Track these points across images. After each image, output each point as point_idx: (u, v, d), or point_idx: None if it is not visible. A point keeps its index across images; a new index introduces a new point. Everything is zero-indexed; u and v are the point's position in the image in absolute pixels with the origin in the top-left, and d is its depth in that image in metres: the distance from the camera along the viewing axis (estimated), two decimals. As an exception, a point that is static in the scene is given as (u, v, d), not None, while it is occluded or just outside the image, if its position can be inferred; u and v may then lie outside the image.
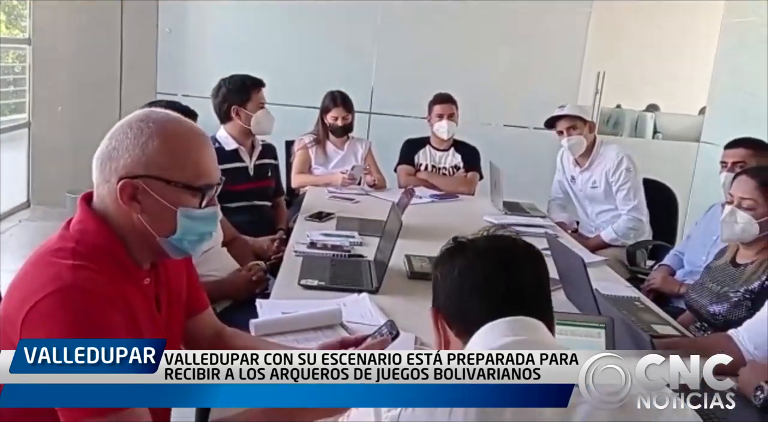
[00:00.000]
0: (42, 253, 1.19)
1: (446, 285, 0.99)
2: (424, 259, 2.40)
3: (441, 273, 1.01)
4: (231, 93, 2.97)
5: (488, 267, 0.95)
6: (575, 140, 3.40)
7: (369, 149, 3.98)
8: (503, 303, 0.93)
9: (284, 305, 1.86)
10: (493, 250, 0.98)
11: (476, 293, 0.95)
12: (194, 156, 1.23)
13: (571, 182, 3.59)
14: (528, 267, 0.97)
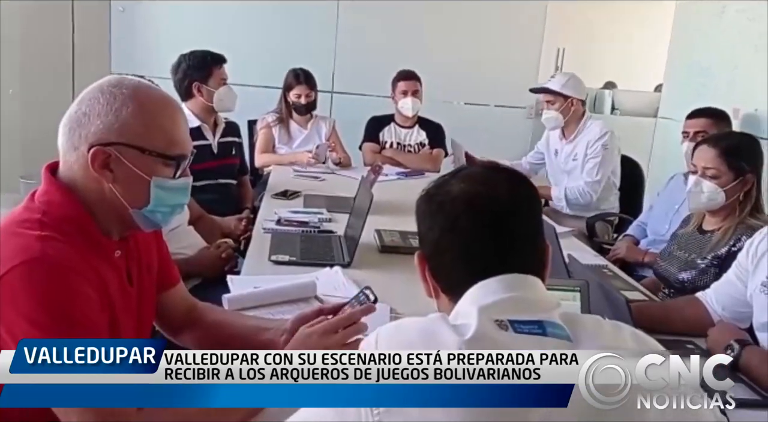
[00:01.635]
0: (7, 224, 1.14)
1: (428, 241, 0.94)
2: (394, 234, 2.40)
3: (422, 223, 0.95)
4: (192, 69, 2.90)
5: (472, 225, 0.90)
6: (549, 114, 3.42)
7: (333, 127, 3.95)
8: (492, 261, 0.89)
9: (256, 280, 1.83)
10: (476, 205, 0.91)
11: (461, 256, 0.91)
12: (169, 124, 1.19)
13: (554, 156, 3.60)
14: (517, 219, 0.91)
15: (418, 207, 0.97)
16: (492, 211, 0.91)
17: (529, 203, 0.95)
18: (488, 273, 0.89)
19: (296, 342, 1.22)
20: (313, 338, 1.20)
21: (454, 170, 0.99)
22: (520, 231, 0.92)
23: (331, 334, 1.21)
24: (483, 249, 0.90)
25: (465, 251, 0.91)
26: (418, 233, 0.97)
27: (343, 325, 1.23)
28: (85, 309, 1.08)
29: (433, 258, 0.94)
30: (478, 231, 0.90)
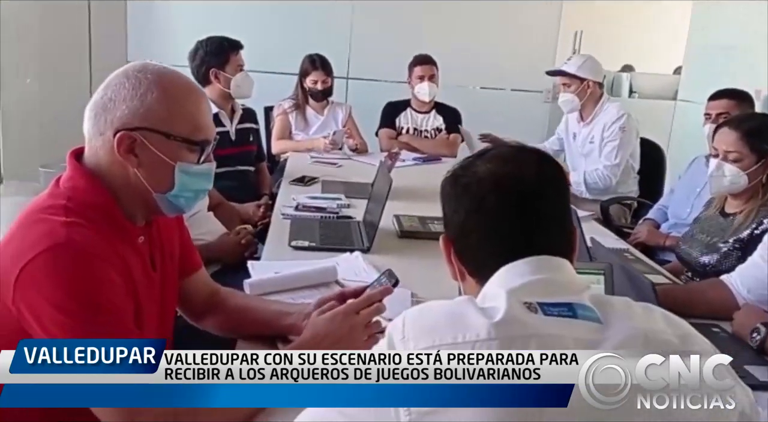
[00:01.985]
0: (32, 211, 1.15)
1: (453, 224, 0.93)
2: (413, 219, 2.39)
3: (447, 205, 0.94)
4: (209, 55, 2.89)
5: (499, 207, 0.89)
6: (565, 97, 3.39)
7: (349, 113, 3.93)
8: (519, 243, 0.88)
9: (276, 266, 1.84)
10: (505, 184, 0.89)
11: (488, 238, 0.89)
12: (193, 109, 1.19)
13: (572, 140, 3.56)
14: (544, 200, 0.89)
15: (442, 189, 0.96)
16: (519, 191, 0.89)
17: (557, 184, 0.93)
18: (516, 255, 0.88)
19: (317, 325, 1.22)
20: (336, 320, 1.20)
21: (480, 151, 0.97)
22: (547, 212, 0.90)
23: (353, 315, 1.21)
24: (510, 230, 0.89)
25: (492, 232, 0.89)
26: (443, 215, 0.97)
27: (363, 306, 1.23)
28: (110, 295, 1.09)
29: (458, 240, 0.93)
30: (505, 212, 0.89)
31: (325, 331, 1.19)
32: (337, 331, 1.19)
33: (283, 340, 1.40)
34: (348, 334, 1.19)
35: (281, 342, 1.40)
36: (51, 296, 1.05)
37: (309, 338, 1.20)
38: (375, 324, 1.23)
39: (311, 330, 1.21)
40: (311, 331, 1.21)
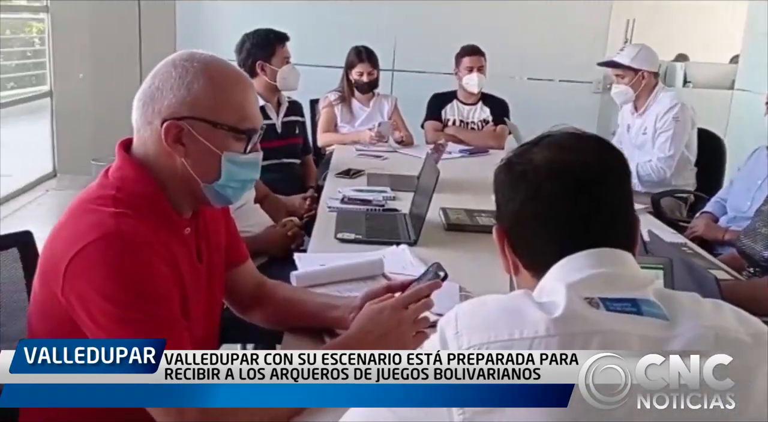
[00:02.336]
0: (81, 201, 1.15)
1: (508, 213, 0.89)
2: (459, 211, 2.35)
3: (502, 194, 0.90)
4: (255, 47, 2.90)
5: (558, 195, 0.83)
6: (618, 89, 3.29)
7: (395, 105, 3.90)
8: (578, 233, 0.84)
9: (323, 258, 1.82)
10: (564, 172, 0.84)
11: (546, 227, 0.85)
12: (240, 98, 1.18)
13: (627, 132, 3.45)
14: (606, 187, 0.85)
15: (496, 177, 0.92)
16: (578, 178, 0.85)
17: (619, 171, 0.88)
18: (574, 246, 0.83)
19: (365, 318, 1.19)
20: (384, 314, 1.17)
21: (537, 138, 0.92)
22: (609, 200, 0.86)
23: (401, 310, 1.18)
24: (568, 218, 0.84)
25: (548, 221, 0.85)
26: (497, 205, 0.93)
27: (412, 301, 1.20)
28: (157, 285, 1.09)
29: (513, 230, 0.89)
30: (563, 200, 0.84)
31: (372, 325, 1.17)
32: (384, 326, 1.17)
33: (330, 333, 1.38)
34: (396, 329, 1.17)
35: (328, 335, 1.38)
36: (99, 286, 1.05)
37: (356, 332, 1.18)
38: (423, 319, 1.20)
39: (358, 324, 1.19)
40: (358, 325, 1.19)
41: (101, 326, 1.05)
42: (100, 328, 1.05)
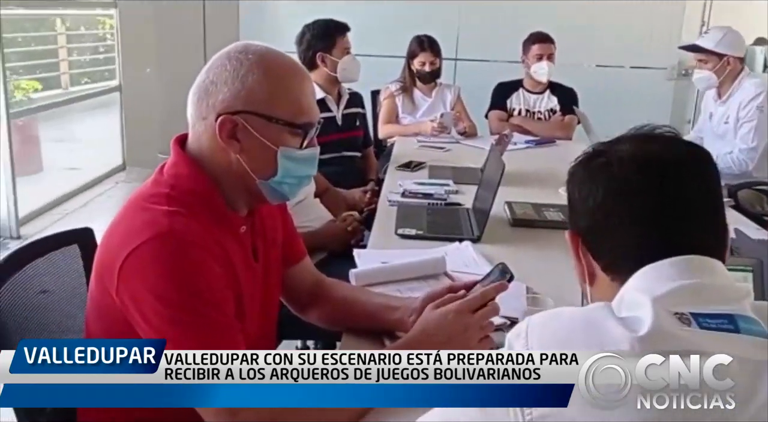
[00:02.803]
0: (136, 199, 1.13)
1: (587, 210, 0.81)
2: (526, 206, 2.25)
3: (579, 191, 0.83)
4: (315, 39, 2.86)
5: (644, 188, 0.77)
6: (701, 75, 3.10)
7: (458, 95, 3.81)
8: (665, 234, 0.76)
9: (383, 255, 1.77)
10: (650, 164, 0.78)
11: (629, 223, 0.78)
12: (296, 91, 1.13)
13: (708, 119, 3.28)
14: (695, 185, 0.78)
15: (572, 175, 0.85)
16: (666, 175, 0.77)
17: (709, 169, 0.81)
18: (659, 247, 0.75)
19: (428, 322, 1.13)
20: (449, 318, 1.11)
21: (617, 137, 0.85)
22: (698, 200, 0.78)
23: (468, 314, 1.11)
24: (654, 216, 0.77)
25: (633, 217, 0.78)
26: (571, 207, 0.85)
27: (478, 305, 1.13)
28: (211, 286, 1.05)
29: (591, 231, 0.81)
30: (650, 195, 0.77)
31: (435, 329, 1.10)
32: (449, 330, 1.10)
33: (390, 335, 1.33)
34: (461, 334, 1.10)
35: (387, 337, 1.32)
36: (152, 287, 1.02)
37: (418, 335, 1.11)
38: (489, 324, 1.12)
39: (421, 327, 1.12)
40: (421, 328, 1.12)
41: (153, 326, 1.02)
42: (152, 329, 1.03)
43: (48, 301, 1.33)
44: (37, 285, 1.30)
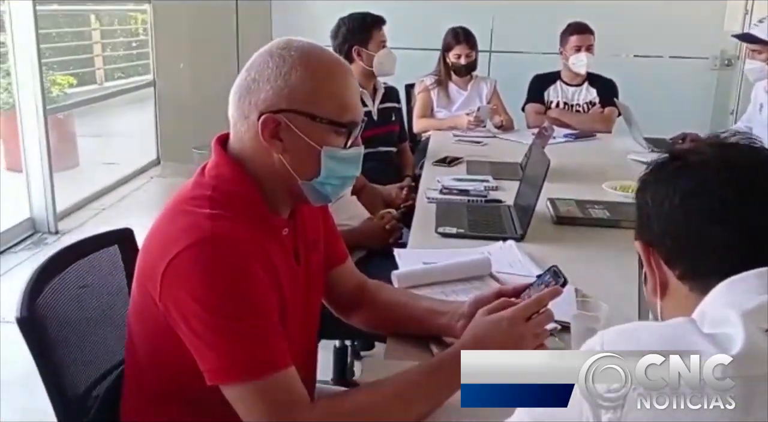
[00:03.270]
0: (178, 201, 1.10)
1: (662, 215, 0.77)
2: (569, 203, 2.19)
3: (652, 197, 0.79)
4: (351, 32, 2.81)
5: (727, 190, 0.72)
6: (753, 65, 3.00)
7: (495, 88, 3.74)
8: (750, 240, 0.71)
9: (424, 255, 1.72)
10: (732, 166, 0.74)
11: (709, 226, 0.73)
12: (340, 89, 1.08)
13: (758, 112, 3.17)
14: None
15: (644, 182, 0.80)
16: (752, 178, 0.73)
17: None
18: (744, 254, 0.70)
19: (480, 328, 1.08)
20: (502, 325, 1.06)
21: (691, 145, 0.82)
22: None
23: (522, 321, 1.06)
24: (738, 220, 0.72)
25: (714, 214, 0.73)
26: (641, 215, 0.80)
27: (532, 311, 1.08)
28: (255, 291, 1.02)
29: (667, 234, 0.76)
30: (733, 197, 0.72)
31: (489, 336, 1.06)
32: (502, 338, 1.05)
33: (436, 340, 1.28)
34: (516, 343, 1.05)
35: (434, 342, 1.28)
36: (196, 294, 0.99)
37: (470, 341, 1.07)
38: (544, 332, 1.07)
39: (473, 334, 1.08)
40: (472, 335, 1.07)
41: (198, 335, 0.99)
42: (197, 337, 1.00)
43: (89, 299, 1.32)
44: (80, 283, 1.29)
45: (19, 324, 1.10)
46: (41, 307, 1.16)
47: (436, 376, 1.05)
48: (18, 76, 3.83)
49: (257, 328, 1.01)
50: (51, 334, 1.17)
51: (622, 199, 2.33)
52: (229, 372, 0.99)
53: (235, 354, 0.99)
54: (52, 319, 1.19)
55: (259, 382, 0.99)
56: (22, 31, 3.75)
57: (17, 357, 2.65)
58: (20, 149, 3.96)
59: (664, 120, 3.79)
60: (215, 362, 1.00)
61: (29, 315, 1.11)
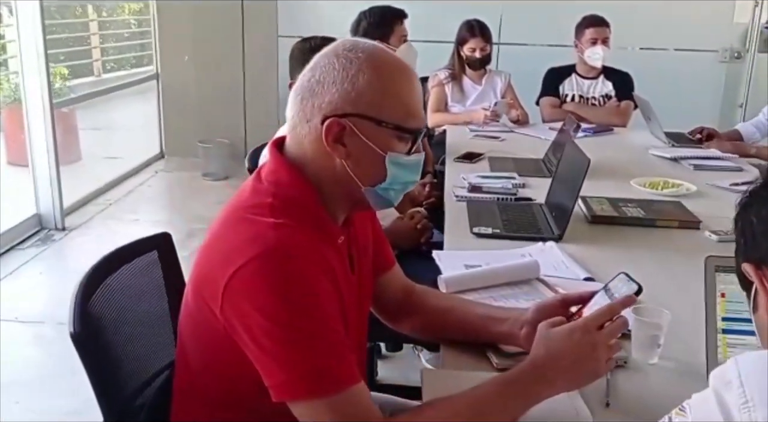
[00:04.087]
0: (236, 208, 1.05)
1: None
2: (603, 201, 2.15)
3: (758, 216, 0.75)
4: (372, 26, 2.77)
5: None
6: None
7: (509, 82, 3.69)
8: None
9: (464, 256, 1.68)
10: None
11: None
12: (407, 93, 1.04)
13: None
14: None
15: (745, 204, 0.77)
16: None
17: None
18: None
19: (553, 340, 1.04)
20: (575, 337, 1.02)
21: None
22: None
23: (594, 331, 1.02)
24: None
25: None
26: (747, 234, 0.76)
27: (605, 320, 1.04)
28: (322, 303, 0.98)
29: None
30: None
31: (562, 350, 1.02)
32: (576, 351, 1.01)
33: (493, 348, 1.25)
34: (590, 354, 1.01)
35: (491, 350, 1.24)
36: (263, 307, 0.95)
37: (544, 354, 1.03)
38: (617, 343, 1.04)
39: (545, 346, 1.04)
40: (545, 347, 1.03)
41: (265, 349, 0.95)
42: (263, 351, 0.96)
43: (131, 307, 1.28)
44: (125, 291, 1.25)
45: (74, 338, 1.05)
46: (92, 319, 1.12)
47: (511, 391, 1.01)
48: (24, 68, 3.75)
49: (326, 343, 0.96)
50: (101, 345, 1.13)
51: (654, 196, 2.30)
52: (298, 389, 0.95)
53: (303, 370, 0.95)
54: (101, 330, 1.15)
55: (328, 399, 0.95)
56: (28, 23, 3.67)
57: (17, 357, 2.63)
58: (25, 144, 3.88)
59: (671, 113, 3.74)
60: (283, 377, 0.96)
61: (83, 329, 1.07)
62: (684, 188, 2.38)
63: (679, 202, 2.22)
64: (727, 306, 1.19)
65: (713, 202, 2.29)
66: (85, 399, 1.16)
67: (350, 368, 0.98)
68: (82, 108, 5.45)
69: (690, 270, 1.65)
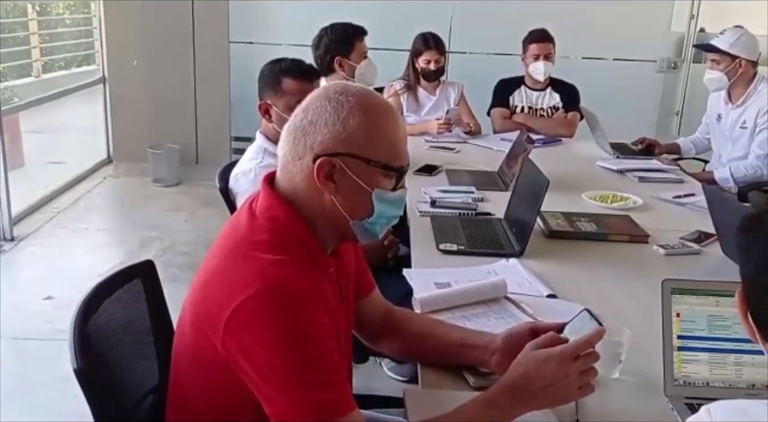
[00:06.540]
0: (235, 244, 1.11)
1: (746, 275, 0.78)
2: (557, 215, 2.27)
3: (752, 254, 0.77)
4: (333, 43, 2.82)
5: None
6: (712, 75, 3.15)
7: (462, 92, 3.80)
8: None
9: (435, 274, 1.76)
10: None
11: None
12: (393, 135, 1.13)
13: (716, 121, 3.33)
14: None
15: (746, 230, 0.81)
16: None
17: None
18: None
19: (528, 366, 1.12)
20: (551, 364, 1.11)
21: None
22: None
23: (570, 360, 1.11)
24: None
25: None
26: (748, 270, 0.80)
27: (581, 351, 1.13)
28: (322, 338, 1.04)
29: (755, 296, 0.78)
30: None
31: (538, 372, 1.11)
32: (550, 375, 1.10)
33: (469, 369, 1.33)
34: (562, 380, 1.10)
35: (468, 371, 1.33)
36: (266, 342, 1.01)
37: (519, 378, 1.12)
38: (590, 371, 1.13)
39: (524, 366, 1.12)
40: (524, 367, 1.12)
41: (272, 383, 1.01)
42: (266, 383, 1.02)
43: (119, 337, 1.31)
44: (115, 322, 1.28)
45: (78, 374, 1.08)
46: (89, 354, 1.15)
47: (491, 413, 1.10)
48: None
49: (325, 374, 1.03)
50: (100, 378, 1.16)
51: (604, 210, 2.44)
52: (299, 418, 1.01)
53: (304, 401, 1.01)
54: (97, 362, 1.18)
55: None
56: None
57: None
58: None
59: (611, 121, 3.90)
60: (285, 408, 1.02)
61: (85, 366, 1.10)
62: (631, 201, 2.53)
63: (627, 216, 2.36)
64: (682, 325, 1.31)
65: (658, 215, 2.45)
66: (41, 417, 1.17)
67: (347, 397, 1.05)
68: (24, 110, 5.30)
69: (642, 284, 1.79)
